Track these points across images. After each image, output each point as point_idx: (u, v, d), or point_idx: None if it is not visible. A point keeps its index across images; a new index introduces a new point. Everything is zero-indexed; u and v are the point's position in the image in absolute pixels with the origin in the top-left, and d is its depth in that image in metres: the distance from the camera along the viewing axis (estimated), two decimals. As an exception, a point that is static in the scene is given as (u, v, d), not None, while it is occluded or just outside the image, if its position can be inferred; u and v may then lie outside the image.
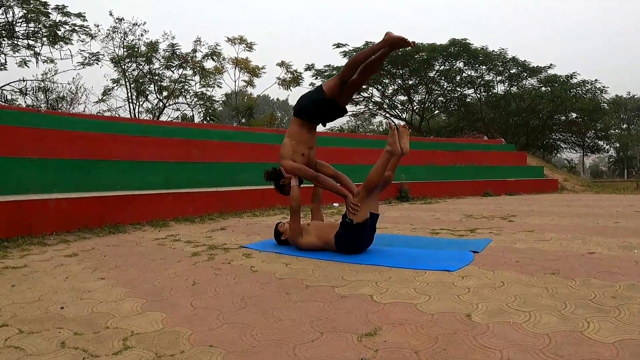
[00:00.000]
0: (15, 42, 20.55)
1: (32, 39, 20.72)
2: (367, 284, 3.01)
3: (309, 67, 28.83)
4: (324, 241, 4.08)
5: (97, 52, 22.63)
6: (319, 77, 28.07)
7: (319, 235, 4.13)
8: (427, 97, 30.27)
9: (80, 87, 24.33)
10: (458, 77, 28.28)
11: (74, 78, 27.75)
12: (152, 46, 23.60)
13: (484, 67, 27.28)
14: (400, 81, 29.04)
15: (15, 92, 21.44)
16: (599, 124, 30.35)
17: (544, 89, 27.67)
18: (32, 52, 20.89)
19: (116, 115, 23.50)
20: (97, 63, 22.61)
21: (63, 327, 2.30)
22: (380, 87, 30.23)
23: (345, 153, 11.88)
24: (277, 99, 63.79)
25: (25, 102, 21.59)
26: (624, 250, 3.98)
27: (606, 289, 2.72)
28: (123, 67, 23.69)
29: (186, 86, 25.16)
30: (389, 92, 30.74)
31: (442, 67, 27.57)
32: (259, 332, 2.17)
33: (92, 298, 2.81)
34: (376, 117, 34.38)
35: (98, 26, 22.88)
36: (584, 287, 2.80)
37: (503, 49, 26.35)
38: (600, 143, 32.77)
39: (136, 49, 23.55)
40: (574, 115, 29.03)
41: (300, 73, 28.74)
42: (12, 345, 2.07)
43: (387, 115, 31.52)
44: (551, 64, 27.00)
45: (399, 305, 2.53)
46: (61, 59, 21.85)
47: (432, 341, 2.01)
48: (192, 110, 25.94)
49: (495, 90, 28.83)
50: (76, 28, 21.23)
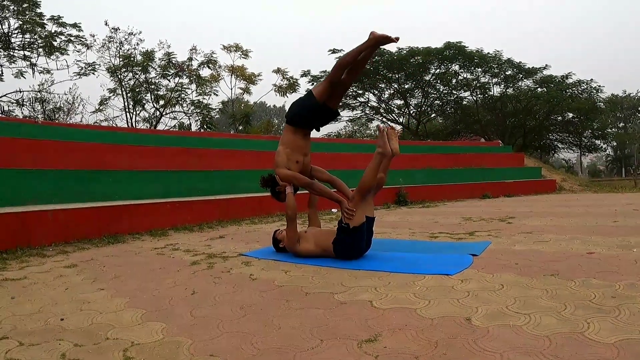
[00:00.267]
0: (12, 53, 20.59)
1: (28, 49, 20.77)
2: (366, 289, 3.02)
3: (305, 74, 28.89)
4: (322, 248, 4.08)
5: (93, 62, 22.66)
6: (315, 83, 28.12)
7: (317, 242, 4.13)
8: (423, 100, 30.35)
9: (77, 97, 24.25)
10: (454, 80, 28.37)
11: (70, 88, 27.78)
12: (148, 55, 23.62)
13: (480, 69, 27.39)
14: (396, 85, 29.12)
15: (12, 103, 21.47)
16: (595, 123, 30.48)
17: (539, 89, 27.76)
18: (28, 63, 20.95)
19: (113, 124, 23.51)
20: (93, 73, 22.63)
21: (63, 338, 2.30)
22: (376, 92, 30.32)
23: (343, 158, 11.90)
24: (274, 105, 63.90)
25: (22, 113, 21.60)
26: (623, 250, 3.99)
27: (606, 289, 2.73)
28: (119, 76, 23.70)
29: (183, 95, 25.15)
30: (385, 96, 30.83)
31: (438, 70, 27.67)
32: (259, 341, 2.17)
33: (92, 309, 2.80)
34: (373, 122, 34.44)
35: (94, 36, 22.89)
36: (583, 287, 2.80)
37: (498, 51, 26.48)
38: (598, 142, 32.88)
39: (132, 59, 23.58)
40: (571, 115, 29.13)
41: (297, 79, 28.81)
42: (13, 358, 2.07)
43: (384, 120, 31.56)
44: (546, 65, 27.10)
45: (398, 311, 2.53)
46: (57, 69, 21.91)
47: (432, 346, 2.01)
48: (189, 118, 25.94)
49: (491, 92, 28.92)
50: (72, 38, 21.29)
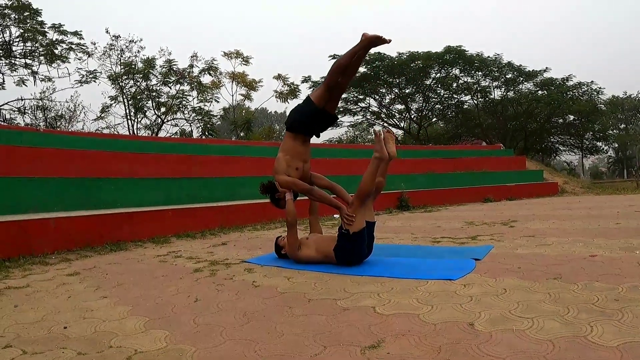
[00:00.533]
0: (13, 61, 20.71)
1: (29, 57, 20.90)
2: (369, 295, 3.01)
3: (306, 79, 28.99)
4: (324, 254, 4.08)
5: (94, 70, 22.81)
6: (316, 89, 28.16)
7: (318, 248, 4.13)
8: (424, 105, 30.41)
9: (79, 105, 24.38)
10: (454, 84, 28.44)
11: (72, 96, 27.85)
12: (149, 62, 23.73)
13: (480, 73, 27.45)
14: (397, 90, 29.19)
15: (14, 111, 21.59)
16: (596, 125, 30.49)
17: (540, 92, 27.80)
18: (29, 71, 21.09)
19: (115, 132, 23.59)
20: (94, 80, 22.76)
21: (67, 347, 2.30)
22: (377, 97, 30.38)
23: (344, 164, 11.90)
24: (275, 111, 64.09)
25: (24, 121, 21.71)
26: (626, 252, 3.98)
27: (609, 292, 2.72)
28: (120, 84, 23.80)
29: (184, 102, 25.27)
30: (386, 101, 30.89)
31: (439, 74, 27.74)
32: (262, 348, 2.17)
33: (95, 317, 2.81)
34: (374, 127, 34.46)
35: (95, 44, 23.05)
36: (586, 290, 2.79)
37: (498, 54, 26.56)
38: (599, 144, 32.87)
39: (133, 66, 23.68)
40: (572, 117, 29.15)
41: (297, 85, 28.91)
42: (16, 368, 2.07)
43: (385, 125, 31.60)
44: (547, 68, 27.19)
45: (401, 316, 2.53)
46: (59, 77, 22.09)
47: (436, 351, 2.00)
48: (191, 125, 26.05)
49: (492, 96, 28.99)
50: (73, 46, 21.43)
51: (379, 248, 4.32)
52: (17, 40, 20.38)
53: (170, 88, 24.75)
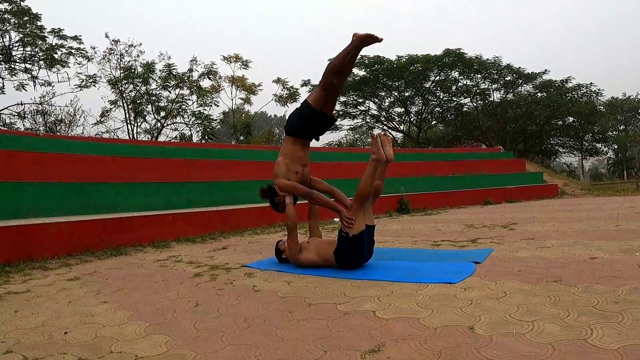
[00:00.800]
0: (13, 66, 20.75)
1: (29, 62, 20.94)
2: (369, 299, 3.01)
3: (305, 83, 29.04)
4: (324, 258, 4.08)
5: (94, 74, 22.87)
6: (312, 92, 28.20)
7: (318, 252, 4.13)
8: (423, 108, 30.46)
9: (78, 109, 24.45)
10: (454, 87, 28.49)
11: (71, 100, 27.93)
12: (149, 67, 23.77)
13: (479, 75, 27.50)
14: (396, 93, 29.24)
15: (14, 115, 21.65)
16: (596, 126, 30.53)
17: (539, 94, 27.85)
18: (29, 75, 21.14)
19: (115, 136, 23.61)
20: (94, 85, 22.82)
21: (67, 352, 2.30)
22: (377, 100, 30.43)
23: (344, 167, 11.90)
24: (275, 115, 64.15)
25: (23, 125, 21.75)
26: (626, 254, 3.98)
27: (609, 295, 2.72)
28: (120, 88, 23.86)
29: (183, 106, 25.31)
30: (386, 104, 30.94)
31: (438, 77, 27.80)
32: (263, 352, 2.17)
33: (96, 322, 2.80)
34: (374, 130, 34.50)
35: (94, 48, 23.11)
36: (586, 293, 2.79)
37: (497, 57, 26.59)
38: (599, 146, 32.93)
39: (133, 70, 23.72)
40: (571, 119, 29.20)
41: (297, 89, 28.94)
42: (16, 374, 2.07)
43: (385, 128, 31.64)
44: (546, 70, 27.24)
45: (401, 320, 2.53)
46: (58, 81, 22.07)
47: (436, 355, 2.00)
48: (190, 129, 26.09)
49: (491, 98, 29.02)
50: (73, 51, 21.46)
51: (379, 252, 4.32)
52: (17, 44, 20.44)
53: (169, 92, 24.82)
